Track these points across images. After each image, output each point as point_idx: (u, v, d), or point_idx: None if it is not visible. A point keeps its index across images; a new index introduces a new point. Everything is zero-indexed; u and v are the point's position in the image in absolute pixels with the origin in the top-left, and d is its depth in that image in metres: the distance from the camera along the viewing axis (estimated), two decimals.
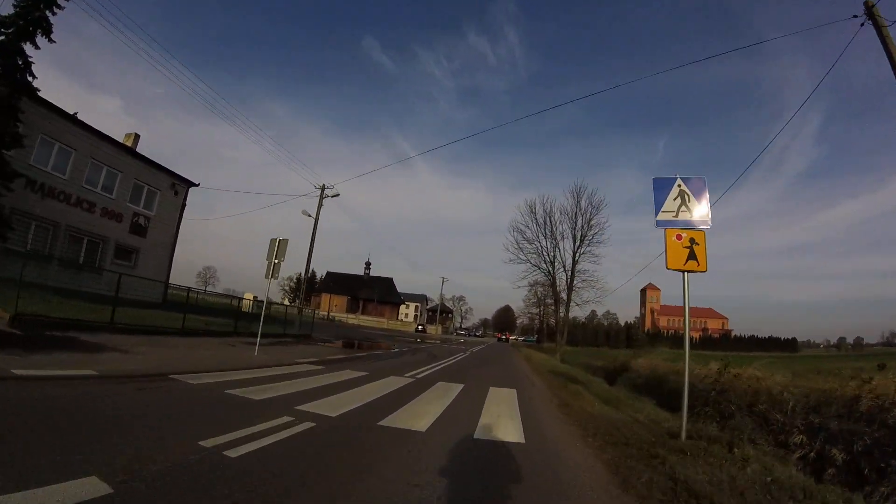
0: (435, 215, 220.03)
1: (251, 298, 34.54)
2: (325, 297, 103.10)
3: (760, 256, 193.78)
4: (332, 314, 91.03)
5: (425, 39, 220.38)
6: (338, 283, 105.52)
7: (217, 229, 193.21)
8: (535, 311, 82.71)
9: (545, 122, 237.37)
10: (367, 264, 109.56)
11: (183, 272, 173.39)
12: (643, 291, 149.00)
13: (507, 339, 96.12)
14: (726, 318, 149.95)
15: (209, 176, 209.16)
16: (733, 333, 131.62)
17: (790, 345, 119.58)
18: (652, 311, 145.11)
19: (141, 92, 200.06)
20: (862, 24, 8.64)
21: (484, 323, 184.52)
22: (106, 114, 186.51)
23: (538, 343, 77.69)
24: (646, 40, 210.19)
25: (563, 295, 34.82)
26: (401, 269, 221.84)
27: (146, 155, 24.36)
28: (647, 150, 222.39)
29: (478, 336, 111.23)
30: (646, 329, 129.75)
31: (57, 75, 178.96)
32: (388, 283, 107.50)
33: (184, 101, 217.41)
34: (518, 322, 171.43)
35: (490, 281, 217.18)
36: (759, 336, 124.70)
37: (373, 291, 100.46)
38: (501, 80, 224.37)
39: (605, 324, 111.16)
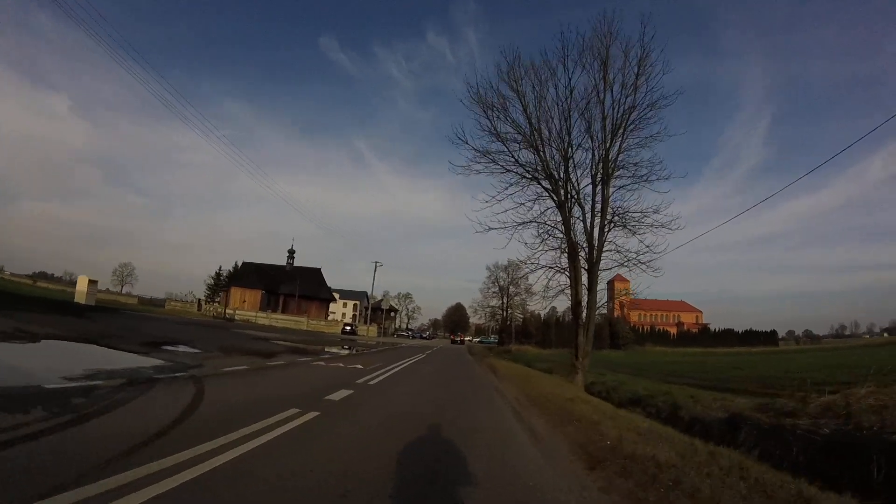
0: (390, 215, 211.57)
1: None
2: (234, 292, 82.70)
3: (723, 249, 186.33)
4: (234, 311, 71.08)
5: (385, 39, 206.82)
6: (253, 275, 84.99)
7: (162, 233, 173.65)
8: (496, 303, 66.89)
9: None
10: (290, 252, 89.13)
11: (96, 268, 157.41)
12: (611, 283, 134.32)
13: (463, 342, 78.30)
14: (700, 312, 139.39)
15: (161, 179, 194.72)
16: (711, 328, 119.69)
17: (771, 338, 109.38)
18: (622, 305, 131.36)
19: (91, 90, 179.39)
20: None
21: (434, 324, 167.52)
22: (55, 115, 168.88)
23: (500, 345, 60.71)
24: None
25: (585, 255, 16.75)
26: (347, 266, 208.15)
27: None
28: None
29: (424, 338, 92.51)
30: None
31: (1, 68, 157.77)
32: (314, 275, 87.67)
33: (137, 101, 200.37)
34: (472, 321, 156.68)
35: (442, 282, 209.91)
36: (738, 330, 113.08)
37: (295, 286, 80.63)
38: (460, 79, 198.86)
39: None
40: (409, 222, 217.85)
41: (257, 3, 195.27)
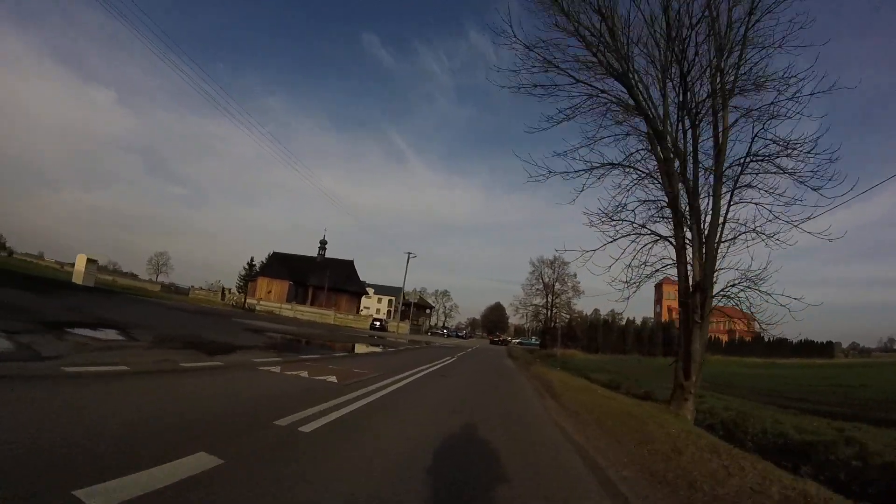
0: (427, 213, 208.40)
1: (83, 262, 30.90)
2: (260, 282, 79.20)
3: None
4: (258, 302, 67.21)
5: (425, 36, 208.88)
6: (282, 265, 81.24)
7: (202, 223, 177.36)
8: (539, 301, 60.61)
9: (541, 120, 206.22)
10: (322, 243, 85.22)
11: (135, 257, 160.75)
12: (658, 287, 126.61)
13: (503, 342, 72.03)
14: (755, 320, 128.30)
15: (202, 168, 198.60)
16: (765, 337, 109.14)
17: (827, 350, 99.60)
18: (669, 310, 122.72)
19: (136, 83, 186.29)
20: None
21: (472, 323, 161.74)
22: (101, 106, 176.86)
23: (543, 348, 54.43)
24: None
25: (689, 222, 10.48)
26: (383, 262, 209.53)
27: None
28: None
29: (460, 337, 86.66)
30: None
31: (52, 65, 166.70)
32: (346, 267, 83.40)
33: (179, 93, 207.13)
34: (510, 321, 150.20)
35: (480, 282, 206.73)
36: (792, 340, 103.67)
37: (325, 277, 76.39)
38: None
39: (623, 322, 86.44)
40: (447, 221, 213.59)
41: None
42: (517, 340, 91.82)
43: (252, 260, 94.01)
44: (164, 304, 30.44)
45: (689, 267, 10.28)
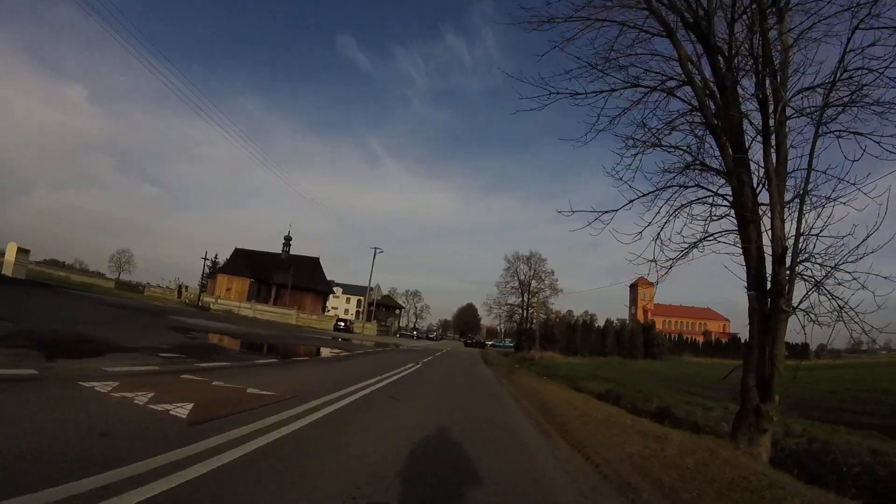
0: (403, 215, 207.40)
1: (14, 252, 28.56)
2: (220, 280, 74.14)
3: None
4: (216, 300, 62.45)
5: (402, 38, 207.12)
6: (245, 263, 76.22)
7: (175, 223, 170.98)
8: (515, 300, 57.29)
9: (517, 123, 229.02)
10: (287, 239, 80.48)
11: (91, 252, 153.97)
12: (633, 287, 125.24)
13: (479, 344, 68.45)
14: (728, 320, 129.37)
15: (175, 171, 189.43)
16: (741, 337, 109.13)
17: (803, 351, 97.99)
18: (644, 311, 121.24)
19: (107, 81, 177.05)
20: None
21: (444, 324, 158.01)
22: (71, 103, 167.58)
23: (518, 350, 51.16)
24: None
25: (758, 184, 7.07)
26: (356, 265, 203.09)
27: None
28: (614, 157, 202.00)
29: (430, 339, 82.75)
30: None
31: (21, 59, 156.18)
32: (311, 265, 78.82)
33: (153, 93, 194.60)
34: (483, 322, 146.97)
35: (453, 283, 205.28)
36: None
37: (289, 275, 71.93)
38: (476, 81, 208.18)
39: (599, 323, 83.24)
40: (420, 222, 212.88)
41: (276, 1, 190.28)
42: (490, 343, 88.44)
43: (216, 257, 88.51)
44: (89, 298, 26.06)
45: (765, 232, 6.79)
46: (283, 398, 6.25)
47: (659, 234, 8.25)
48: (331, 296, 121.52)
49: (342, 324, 55.83)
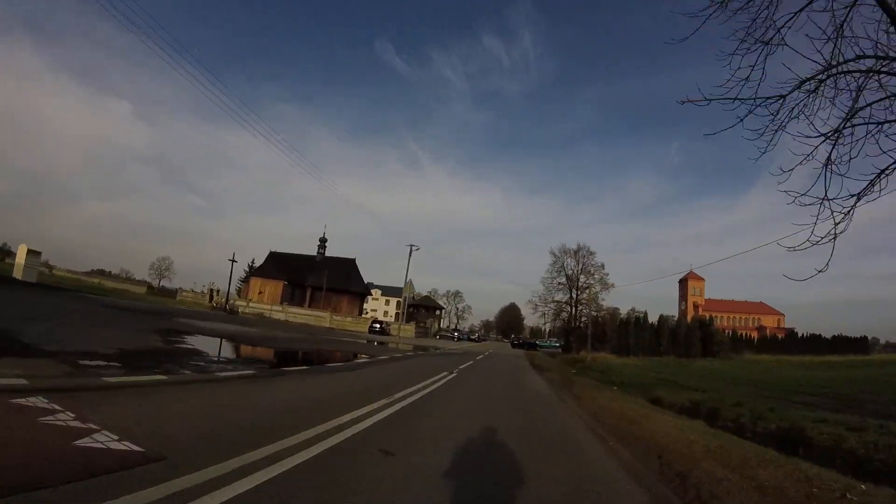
0: (446, 218, 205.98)
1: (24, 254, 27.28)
2: (253, 283, 72.85)
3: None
4: (248, 303, 60.85)
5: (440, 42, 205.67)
6: (279, 265, 74.78)
7: (218, 231, 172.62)
8: (562, 297, 53.02)
9: (560, 124, 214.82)
10: (322, 241, 78.60)
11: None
12: (683, 282, 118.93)
13: (528, 345, 64.46)
14: (782, 315, 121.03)
15: (217, 179, 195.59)
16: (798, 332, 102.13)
17: (861, 345, 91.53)
18: (695, 306, 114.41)
19: (150, 95, 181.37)
20: None
21: (486, 325, 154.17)
22: (117, 117, 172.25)
23: (566, 351, 47.05)
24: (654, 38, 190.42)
25: None
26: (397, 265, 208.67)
27: None
28: (662, 153, 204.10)
29: (472, 339, 79.09)
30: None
31: (66, 79, 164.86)
32: (347, 266, 76.61)
33: (193, 104, 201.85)
34: (525, 323, 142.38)
35: (495, 285, 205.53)
36: (825, 336, 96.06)
37: (323, 276, 69.97)
38: (516, 83, 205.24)
39: (652, 321, 76.67)
40: (461, 225, 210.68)
41: (313, 8, 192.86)
42: (534, 342, 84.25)
43: (253, 261, 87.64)
44: (92, 300, 24.09)
45: None
46: (139, 460, 3.00)
47: (830, 151, 4.69)
48: (369, 298, 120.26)
49: (378, 325, 52.96)
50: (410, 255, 49.93)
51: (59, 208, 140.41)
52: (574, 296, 48.47)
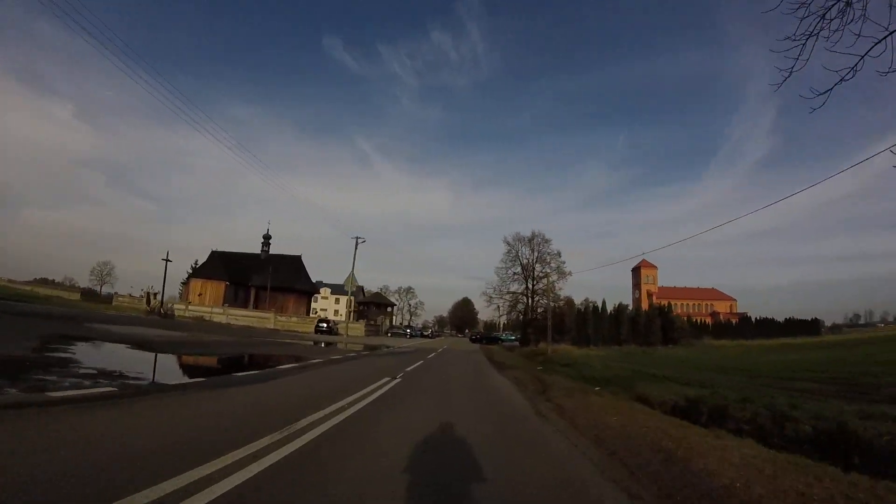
0: (398, 215, 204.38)
1: None
2: (193, 285, 67.80)
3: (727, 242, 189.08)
4: (188, 307, 56.30)
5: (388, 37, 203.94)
6: (221, 265, 69.70)
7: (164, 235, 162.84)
8: (517, 288, 50.70)
9: (508, 117, 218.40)
10: (266, 238, 74.03)
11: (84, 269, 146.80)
12: (636, 270, 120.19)
13: (487, 339, 62.23)
14: (734, 300, 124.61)
15: (165, 182, 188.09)
16: (752, 317, 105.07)
17: (813, 327, 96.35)
18: (649, 294, 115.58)
19: (93, 96, 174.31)
20: None
21: (440, 321, 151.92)
22: (58, 120, 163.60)
23: (524, 344, 45.08)
24: (608, 34, 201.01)
25: None
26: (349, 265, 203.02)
27: None
28: (608, 145, 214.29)
29: (426, 336, 76.57)
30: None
31: (5, 79, 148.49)
32: (293, 263, 72.53)
33: (140, 106, 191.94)
34: (480, 317, 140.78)
35: (448, 280, 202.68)
36: (777, 319, 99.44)
37: (267, 276, 65.83)
38: (464, 77, 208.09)
39: (609, 309, 76.37)
40: (414, 221, 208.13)
41: (259, 4, 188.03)
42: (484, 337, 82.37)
43: (196, 262, 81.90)
44: (19, 309, 21.35)
45: None
46: None
47: None
48: (318, 297, 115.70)
49: (325, 325, 49.62)
50: (357, 247, 46.84)
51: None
52: (530, 286, 46.36)
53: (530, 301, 45.14)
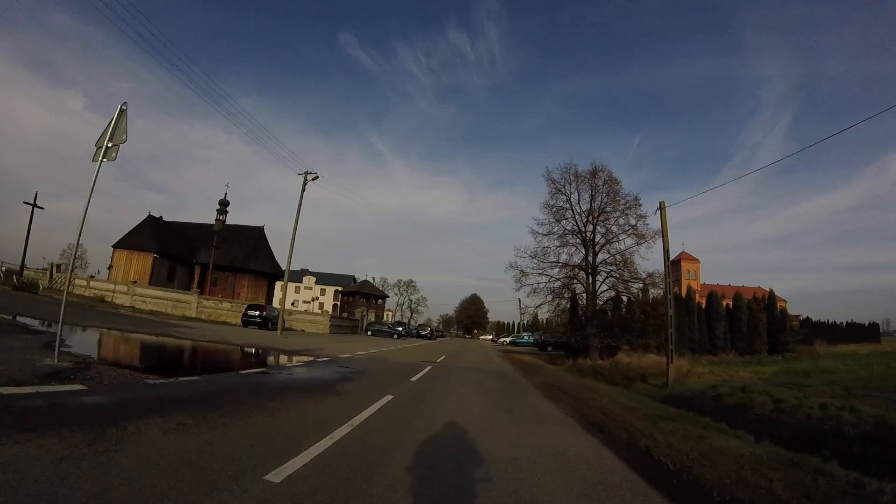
0: (407, 213, 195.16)
1: None
2: (118, 256, 50.89)
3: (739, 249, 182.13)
4: (89, 283, 38.98)
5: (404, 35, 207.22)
6: (157, 234, 52.64)
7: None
8: (559, 274, 27.35)
9: (523, 118, 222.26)
10: (223, 205, 56.57)
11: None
12: (676, 263, 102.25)
13: (549, 345, 41.81)
14: (784, 301, 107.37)
15: (181, 176, 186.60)
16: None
17: (872, 332, 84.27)
18: (691, 291, 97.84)
19: (106, 88, 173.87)
20: None
21: (445, 320, 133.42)
22: (71, 111, 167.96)
23: (571, 353, 26.48)
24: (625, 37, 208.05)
25: None
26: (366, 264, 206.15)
27: None
28: (623, 147, 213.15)
29: (423, 336, 57.69)
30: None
31: (20, 71, 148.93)
32: (251, 237, 55.49)
33: (153, 98, 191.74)
34: (490, 316, 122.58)
35: (457, 279, 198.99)
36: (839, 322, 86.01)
37: (211, 250, 49.04)
38: (481, 77, 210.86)
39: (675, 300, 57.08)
40: (425, 219, 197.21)
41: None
42: (507, 339, 63.93)
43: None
44: None
45: None
46: None
47: None
48: (301, 286, 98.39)
49: (256, 314, 32.06)
50: (305, 183, 29.42)
51: None
52: (591, 257, 25.98)
53: (590, 280, 26.06)
